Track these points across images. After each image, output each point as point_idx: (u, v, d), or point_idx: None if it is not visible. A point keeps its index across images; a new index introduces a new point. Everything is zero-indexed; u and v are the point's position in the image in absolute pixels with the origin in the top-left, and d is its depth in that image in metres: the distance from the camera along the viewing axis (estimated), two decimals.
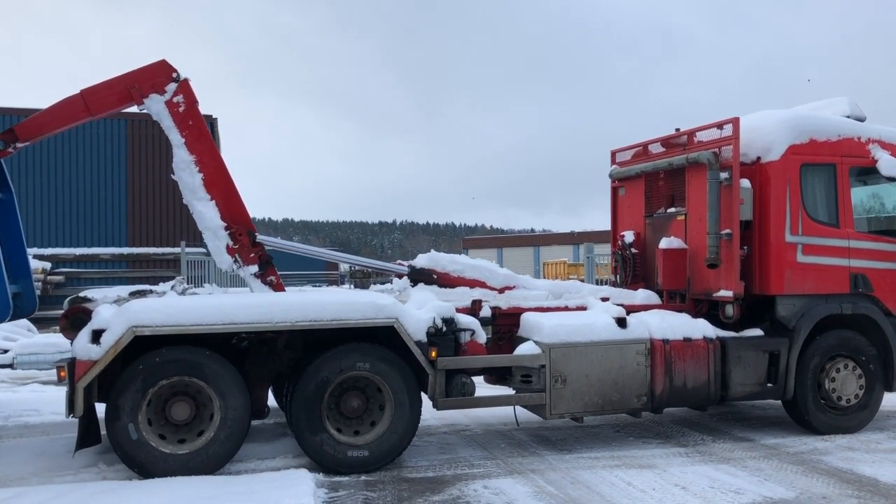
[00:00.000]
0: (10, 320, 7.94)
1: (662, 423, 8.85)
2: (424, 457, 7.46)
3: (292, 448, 7.41)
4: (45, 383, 12.00)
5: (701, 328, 7.87)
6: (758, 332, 8.07)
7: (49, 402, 9.59)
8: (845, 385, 8.10)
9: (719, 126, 8.30)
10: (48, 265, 21.67)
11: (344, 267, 41.36)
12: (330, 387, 6.84)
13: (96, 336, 6.38)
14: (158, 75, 7.82)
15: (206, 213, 7.86)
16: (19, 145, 7.69)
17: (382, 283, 10.73)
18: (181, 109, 7.84)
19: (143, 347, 6.51)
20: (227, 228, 7.87)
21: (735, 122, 8.01)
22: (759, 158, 8.22)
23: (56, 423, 8.50)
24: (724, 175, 8.00)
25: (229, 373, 6.65)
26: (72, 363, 6.34)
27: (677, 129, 9.16)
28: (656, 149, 9.49)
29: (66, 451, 7.09)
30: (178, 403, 6.60)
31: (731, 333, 8.01)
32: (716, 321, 8.13)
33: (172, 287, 7.57)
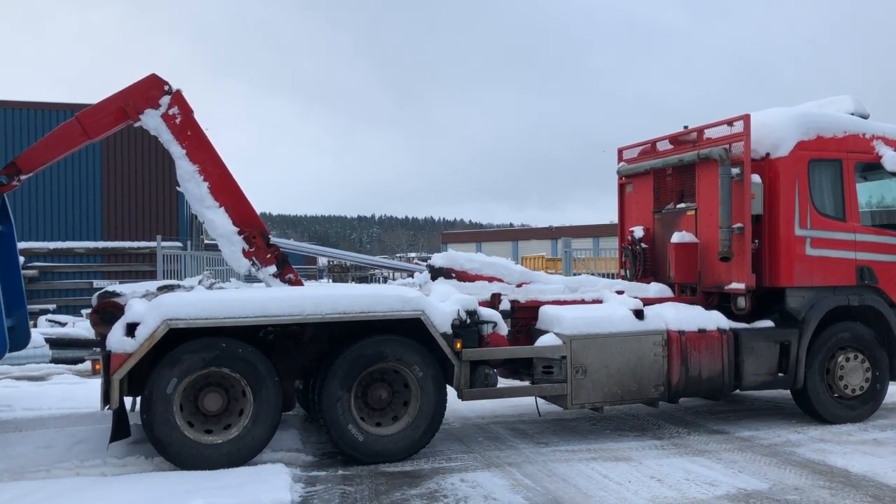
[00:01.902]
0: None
1: (639, 416, 9.20)
2: None
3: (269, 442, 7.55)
4: (18, 378, 11.98)
5: (715, 320, 8.32)
6: (769, 323, 8.53)
7: (21, 397, 9.46)
8: (853, 375, 8.60)
9: (729, 123, 8.75)
10: (22, 259, 21.54)
11: (322, 261, 41.64)
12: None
13: (130, 329, 6.63)
14: (151, 89, 7.96)
15: (216, 220, 8.06)
16: (23, 177, 7.79)
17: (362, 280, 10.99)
18: (178, 121, 8.00)
19: (174, 341, 6.76)
20: (240, 233, 8.08)
21: (746, 118, 8.46)
22: (768, 154, 8.67)
23: (29, 420, 8.39)
24: (735, 171, 8.45)
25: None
26: (107, 356, 6.59)
27: (686, 127, 9.60)
28: (664, 146, 9.92)
29: (38, 447, 7.17)
30: (210, 394, 6.87)
31: (744, 325, 8.46)
32: (727, 313, 8.57)
33: (200, 282, 7.81)
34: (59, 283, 23.27)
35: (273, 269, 8.14)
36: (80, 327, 17.76)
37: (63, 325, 18.59)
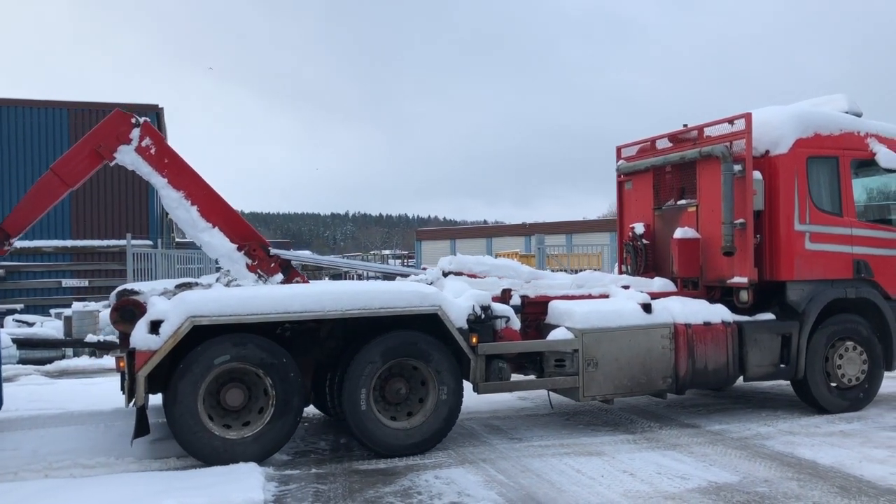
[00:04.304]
0: None
1: (611, 411, 9.55)
2: None
3: None
4: None
5: (719, 313, 8.78)
6: (770, 316, 9.02)
7: None
8: (850, 365, 9.14)
9: (730, 121, 9.22)
10: None
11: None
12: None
13: (154, 327, 6.86)
14: (119, 126, 8.12)
15: (213, 241, 8.26)
16: (13, 241, 7.96)
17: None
18: (153, 151, 8.16)
19: (196, 339, 7.00)
20: (239, 248, 8.31)
21: (748, 117, 8.93)
22: (767, 152, 9.15)
23: None
24: (737, 167, 8.91)
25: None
26: (131, 353, 6.81)
27: (685, 125, 10.06)
28: (663, 144, 10.38)
29: (4, 450, 7.19)
30: (232, 389, 7.13)
31: (747, 318, 8.94)
32: (729, 306, 9.03)
33: (218, 279, 8.04)
34: (26, 282, 23.17)
35: (280, 276, 8.40)
36: (48, 327, 17.79)
37: (31, 325, 18.56)
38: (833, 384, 9.15)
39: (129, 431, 7.01)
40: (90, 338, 15.67)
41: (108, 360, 15.24)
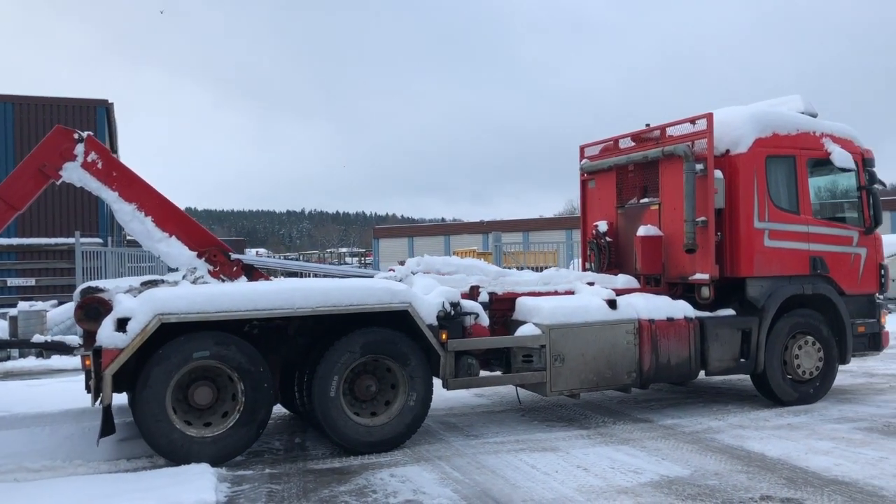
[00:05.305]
0: None
1: (566, 406, 9.79)
2: (330, 446, 7.88)
3: None
4: None
5: (682, 308, 9.05)
6: (730, 312, 9.33)
7: None
8: (807, 359, 9.49)
9: (692, 121, 9.50)
10: None
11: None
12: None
13: (121, 324, 6.83)
14: (62, 143, 8.06)
15: (172, 251, 8.26)
16: None
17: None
18: (100, 166, 8.11)
19: (164, 337, 6.99)
20: (199, 255, 8.32)
21: (709, 117, 9.22)
22: (728, 151, 9.45)
23: None
24: (699, 166, 9.19)
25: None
26: (97, 351, 6.77)
27: (648, 125, 10.33)
28: (626, 143, 10.63)
29: None
30: (202, 387, 7.13)
31: (708, 313, 9.23)
32: (691, 303, 9.31)
33: (184, 276, 8.01)
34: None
35: (244, 279, 8.42)
36: None
37: None
38: (789, 376, 9.48)
39: (77, 434, 6.98)
40: (37, 338, 15.34)
41: (56, 361, 15.01)
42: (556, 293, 9.11)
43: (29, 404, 8.87)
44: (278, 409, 9.05)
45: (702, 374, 9.23)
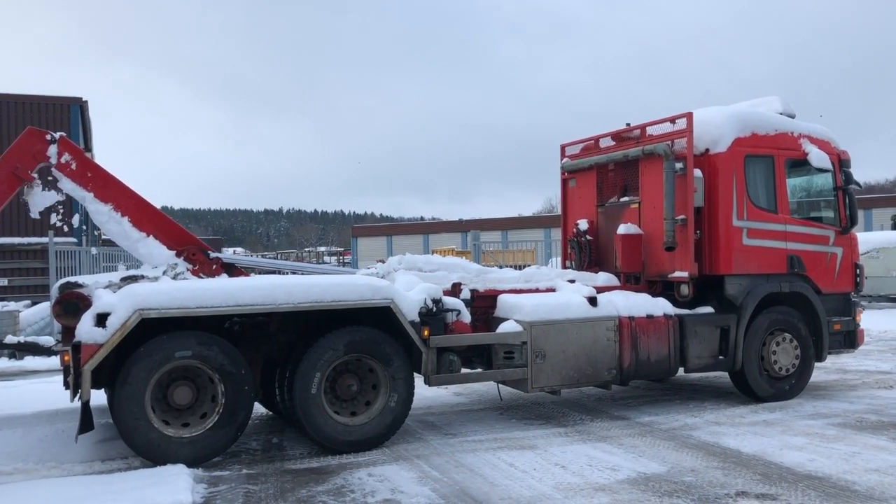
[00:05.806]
0: None
1: (544, 404, 9.83)
2: (308, 446, 7.88)
3: None
4: None
5: (661, 306, 9.16)
6: (708, 309, 9.46)
7: None
8: (784, 356, 9.65)
9: (672, 120, 9.62)
10: None
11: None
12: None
13: (101, 319, 6.79)
14: (34, 145, 7.99)
15: (150, 251, 8.22)
16: None
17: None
18: (74, 167, 8.05)
19: (144, 333, 6.95)
20: (178, 255, 8.28)
21: (689, 116, 9.35)
22: (707, 150, 9.58)
23: None
24: (679, 165, 9.31)
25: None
26: (76, 347, 6.72)
27: (628, 124, 10.44)
28: (607, 143, 10.74)
29: None
30: (181, 387, 7.10)
31: (687, 311, 9.35)
32: (670, 300, 9.42)
33: (165, 272, 7.97)
34: None
35: (224, 276, 8.40)
36: None
37: None
38: (766, 373, 9.62)
39: (51, 435, 6.90)
40: (10, 339, 15.17)
41: (30, 363, 14.89)
42: (537, 290, 9.18)
43: (1, 406, 8.79)
44: (257, 409, 9.03)
45: (681, 371, 9.33)
